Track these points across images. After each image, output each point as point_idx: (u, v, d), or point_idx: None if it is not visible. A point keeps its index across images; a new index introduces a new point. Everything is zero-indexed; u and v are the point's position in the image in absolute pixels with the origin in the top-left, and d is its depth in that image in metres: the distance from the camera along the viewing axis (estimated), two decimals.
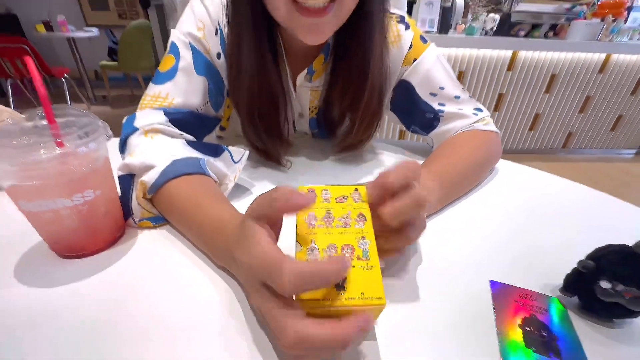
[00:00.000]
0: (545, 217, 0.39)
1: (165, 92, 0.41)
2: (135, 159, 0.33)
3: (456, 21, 2.04)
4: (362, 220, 0.23)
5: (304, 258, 0.21)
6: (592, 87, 2.13)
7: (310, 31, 0.37)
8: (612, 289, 0.23)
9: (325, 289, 0.20)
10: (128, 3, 3.82)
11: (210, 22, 0.43)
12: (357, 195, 0.25)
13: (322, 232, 0.23)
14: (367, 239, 0.22)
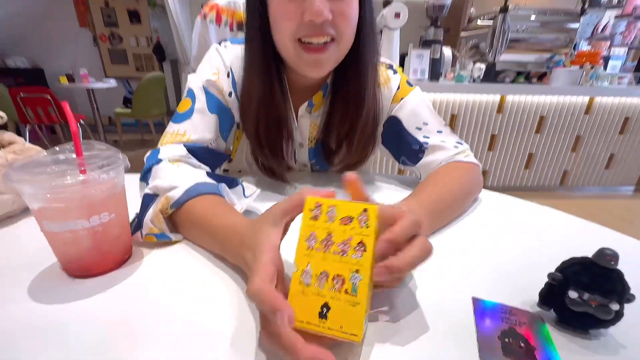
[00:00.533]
0: (524, 240, 0.41)
1: (183, 130, 0.47)
2: (164, 181, 0.39)
3: (445, 70, 2.21)
4: (361, 251, 0.23)
5: (298, 280, 0.23)
6: (581, 128, 2.23)
7: (312, 66, 0.45)
8: (579, 298, 0.24)
9: (309, 312, 0.22)
10: (145, 57, 4.19)
11: (224, 67, 0.52)
12: (364, 217, 0.23)
13: (319, 256, 0.23)
14: (360, 274, 0.22)
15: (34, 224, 0.42)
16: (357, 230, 0.23)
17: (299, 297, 0.23)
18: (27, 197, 0.28)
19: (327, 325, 0.21)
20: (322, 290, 0.22)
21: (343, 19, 0.42)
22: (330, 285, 0.22)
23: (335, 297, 0.22)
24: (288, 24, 0.42)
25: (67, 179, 0.28)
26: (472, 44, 2.33)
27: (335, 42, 0.44)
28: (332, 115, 0.53)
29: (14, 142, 0.46)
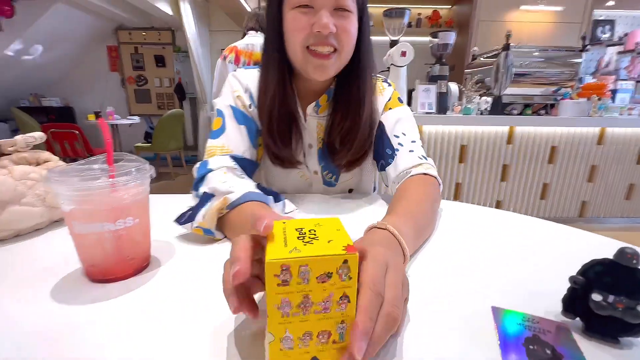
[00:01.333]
0: (542, 253, 0.40)
1: (221, 143, 0.56)
2: (222, 185, 0.46)
3: (452, 104, 2.28)
4: (345, 303, 0.21)
5: (277, 349, 0.21)
6: (595, 158, 2.20)
7: (318, 70, 0.53)
8: (604, 301, 0.24)
9: None
10: (167, 96, 4.49)
11: (241, 86, 0.61)
12: (345, 270, 0.20)
13: (298, 320, 0.20)
14: (346, 323, 0.21)
15: (60, 235, 0.44)
16: (338, 285, 0.20)
17: (280, 355, 0.21)
18: (62, 198, 0.30)
19: None
20: (308, 348, 0.21)
21: (345, 34, 0.52)
22: (316, 342, 0.21)
23: (323, 349, 0.21)
24: (299, 34, 0.51)
25: (98, 182, 0.30)
26: (477, 78, 2.41)
27: (337, 53, 0.52)
28: (335, 116, 0.59)
29: (50, 160, 0.50)
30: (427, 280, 0.34)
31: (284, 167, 0.62)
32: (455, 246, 0.42)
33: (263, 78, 0.58)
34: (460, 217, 0.53)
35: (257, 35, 1.73)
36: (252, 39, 1.72)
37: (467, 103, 2.26)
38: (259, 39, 1.73)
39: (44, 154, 0.50)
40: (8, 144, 0.46)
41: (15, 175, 0.43)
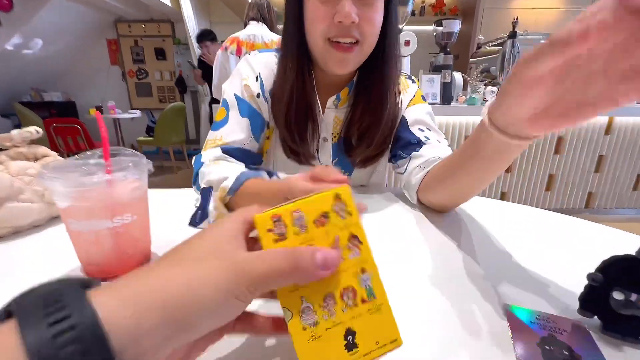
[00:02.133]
0: (555, 248, 0.39)
1: (220, 135, 0.54)
2: (213, 176, 0.45)
3: (457, 94, 2.24)
4: (356, 245, 0.19)
5: (299, 327, 0.17)
6: (603, 147, 2.16)
7: (338, 63, 0.51)
8: (626, 300, 0.22)
9: (334, 351, 0.17)
10: (168, 89, 4.47)
11: (252, 72, 0.58)
12: (341, 206, 0.19)
13: (310, 282, 0.17)
14: (367, 271, 0.18)
15: (59, 232, 0.43)
16: (341, 225, 0.18)
17: (310, 346, 0.17)
18: (57, 195, 0.29)
19: (361, 352, 0.17)
20: (335, 318, 0.18)
21: (368, 24, 0.48)
22: (343, 306, 0.18)
23: (353, 315, 0.18)
24: (320, 24, 0.48)
25: (94, 178, 0.29)
26: (483, 67, 2.36)
27: (359, 45, 0.49)
28: (356, 110, 0.57)
29: (47, 155, 0.49)
30: (437, 278, 0.33)
31: (300, 163, 0.60)
32: (463, 241, 0.41)
33: (281, 68, 0.56)
34: (466, 210, 0.51)
35: (258, 25, 1.70)
36: (253, 29, 1.69)
37: (471, 93, 2.22)
38: (261, 29, 1.70)
39: (41, 149, 0.49)
40: (4, 139, 0.45)
41: (12, 171, 0.42)
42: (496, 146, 0.31)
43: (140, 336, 0.14)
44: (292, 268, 0.16)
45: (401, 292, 0.30)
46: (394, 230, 0.44)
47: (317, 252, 0.17)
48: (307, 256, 0.17)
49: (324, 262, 0.17)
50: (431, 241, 0.41)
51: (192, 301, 0.15)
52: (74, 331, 0.12)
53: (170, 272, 0.16)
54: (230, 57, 1.69)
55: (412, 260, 0.36)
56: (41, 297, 0.13)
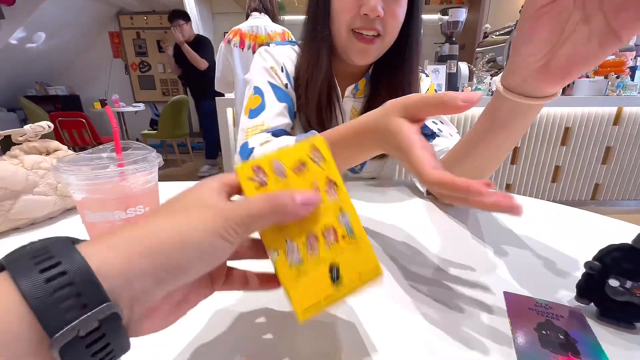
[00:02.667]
0: (554, 238, 0.39)
1: (261, 121, 0.53)
2: (271, 145, 0.47)
3: (462, 85, 2.21)
4: (333, 188, 0.20)
5: (285, 265, 0.18)
6: (610, 139, 2.13)
7: (360, 54, 0.52)
8: (621, 287, 0.23)
9: (321, 287, 0.19)
10: (171, 82, 4.46)
11: (276, 63, 0.58)
12: (317, 154, 0.20)
13: (293, 222, 0.19)
14: (345, 210, 0.20)
15: (73, 223, 0.45)
16: (317, 171, 0.20)
17: (297, 282, 0.18)
18: (72, 188, 0.30)
19: (344, 284, 0.19)
20: (319, 255, 0.19)
21: (392, 19, 0.50)
22: (324, 243, 0.19)
23: (336, 251, 0.19)
24: (346, 15, 0.50)
25: (107, 171, 0.30)
26: (489, 57, 2.33)
27: (381, 37, 0.51)
28: (376, 100, 0.57)
29: (59, 149, 0.50)
30: (438, 265, 0.34)
31: None
32: (465, 231, 0.42)
33: (306, 57, 0.56)
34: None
35: (260, 16, 1.68)
36: (256, 21, 1.68)
37: (477, 84, 2.19)
38: (263, 20, 1.68)
39: (53, 143, 0.50)
40: (18, 134, 0.46)
41: (26, 164, 0.44)
42: (511, 111, 0.32)
43: (131, 279, 0.14)
44: (272, 208, 0.18)
45: (405, 278, 0.31)
46: (399, 219, 0.45)
47: (295, 193, 0.18)
48: (286, 197, 0.18)
49: (303, 200, 0.18)
50: (435, 230, 0.42)
51: (181, 244, 0.16)
52: (65, 276, 0.13)
53: (158, 221, 0.17)
54: (234, 49, 1.68)
55: (415, 248, 0.37)
56: (30, 251, 0.14)
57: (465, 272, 0.33)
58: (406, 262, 0.34)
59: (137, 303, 0.15)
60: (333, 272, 0.19)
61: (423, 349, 0.23)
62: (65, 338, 0.12)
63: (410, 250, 0.37)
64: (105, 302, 0.13)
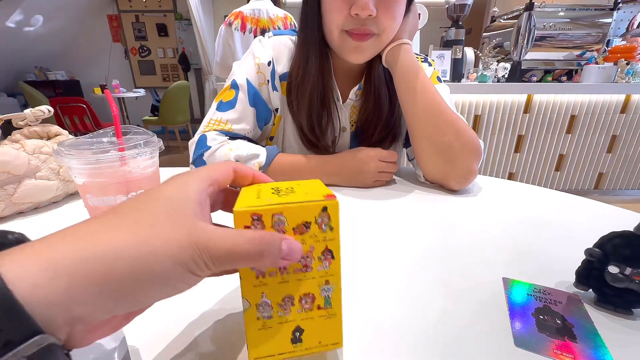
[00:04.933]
0: (554, 225, 0.39)
1: (226, 119, 0.53)
2: (240, 151, 0.50)
3: (468, 71, 2.17)
4: (328, 259, 0.18)
5: (253, 317, 0.18)
6: (617, 127, 2.10)
7: (353, 52, 0.50)
8: (621, 273, 0.23)
9: (280, 343, 0.19)
10: (171, 67, 4.40)
11: (266, 56, 0.55)
12: (325, 219, 0.18)
13: (276, 281, 0.18)
14: (331, 284, 0.19)
15: (76, 207, 0.45)
16: (319, 237, 0.18)
17: (259, 333, 0.18)
18: (74, 172, 0.30)
19: (303, 346, 0.19)
20: (288, 316, 0.19)
21: (387, 16, 0.46)
22: (299, 308, 0.19)
23: (307, 317, 0.19)
24: (336, 16, 0.47)
25: (108, 155, 0.30)
26: (496, 42, 2.27)
27: (376, 35, 0.48)
28: (369, 99, 0.56)
29: (60, 134, 0.50)
30: (438, 250, 0.34)
31: (321, 153, 0.58)
32: (467, 217, 0.42)
33: (302, 54, 0.54)
34: (471, 188, 0.52)
35: None
36: (257, 4, 1.63)
37: (483, 70, 2.15)
38: (265, 3, 1.64)
39: (54, 127, 0.50)
40: (18, 118, 0.46)
41: (28, 149, 0.44)
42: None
43: (70, 308, 0.12)
44: (257, 253, 0.15)
45: (405, 262, 0.31)
46: (398, 205, 0.45)
47: (283, 241, 0.16)
48: (275, 245, 0.16)
49: (287, 252, 0.16)
50: (437, 217, 0.42)
51: (140, 274, 0.13)
52: None
53: (115, 235, 0.13)
54: (234, 32, 1.64)
55: (417, 234, 0.37)
56: None
57: (465, 257, 0.33)
58: (406, 246, 0.35)
59: (77, 323, 0.13)
60: (296, 334, 0.19)
61: (420, 331, 0.23)
62: None
63: (411, 235, 0.37)
64: (35, 334, 0.11)
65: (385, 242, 0.36)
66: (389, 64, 0.53)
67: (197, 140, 0.52)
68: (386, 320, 0.25)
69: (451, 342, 0.23)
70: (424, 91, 0.50)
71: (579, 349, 0.22)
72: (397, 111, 0.58)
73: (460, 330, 0.24)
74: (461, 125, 0.49)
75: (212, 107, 0.55)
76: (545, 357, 0.21)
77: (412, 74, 0.51)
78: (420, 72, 0.51)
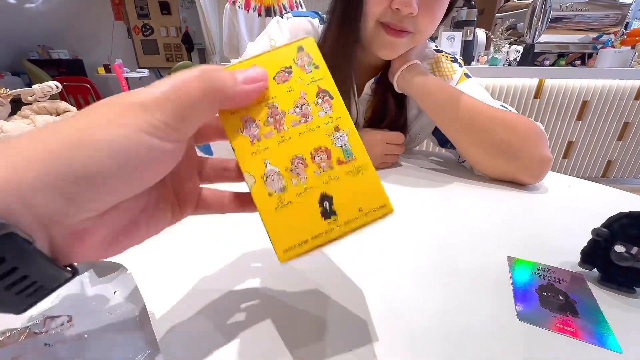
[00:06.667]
0: (560, 206, 0.39)
1: None
2: None
3: (478, 54, 2.10)
4: (326, 101, 0.16)
5: (263, 193, 0.15)
6: (630, 114, 2.05)
7: (386, 48, 0.48)
8: (626, 252, 0.23)
9: (308, 222, 0.15)
10: (175, 47, 4.33)
11: (282, 38, 0.53)
12: (304, 58, 0.16)
13: (275, 141, 0.15)
14: (342, 129, 0.16)
15: None
16: (306, 79, 0.16)
17: (278, 214, 0.15)
18: None
19: (341, 220, 0.15)
20: (306, 182, 0.15)
21: (428, 17, 0.45)
22: (315, 168, 0.15)
23: (329, 177, 0.15)
24: (376, 7, 0.45)
25: None
26: (509, 24, 2.19)
27: (412, 34, 0.46)
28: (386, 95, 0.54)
29: (68, 110, 0.50)
30: (445, 230, 0.34)
31: None
32: (473, 198, 0.42)
33: (324, 45, 0.50)
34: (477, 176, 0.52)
35: None
36: None
37: (494, 53, 2.09)
38: None
39: (62, 103, 0.50)
40: (27, 94, 0.46)
41: (38, 125, 0.44)
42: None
43: (25, 193, 0.10)
44: (206, 90, 0.14)
45: (412, 241, 0.32)
46: (407, 187, 0.45)
47: (235, 71, 0.15)
48: (223, 74, 0.14)
49: (244, 78, 0.15)
50: (444, 198, 0.42)
51: (86, 141, 0.11)
52: None
53: (54, 125, 0.12)
54: (238, 11, 1.60)
55: (423, 214, 0.37)
56: None
57: (471, 237, 0.33)
58: (412, 226, 0.35)
59: (53, 225, 0.11)
60: (325, 204, 0.15)
61: (425, 308, 0.24)
62: None
63: (417, 215, 0.37)
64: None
65: (391, 222, 0.36)
66: (403, 90, 0.52)
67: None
68: (392, 296, 0.25)
69: (456, 316, 0.23)
70: (451, 103, 0.47)
71: (581, 324, 0.22)
72: (407, 118, 0.57)
73: (465, 305, 0.24)
74: (508, 116, 0.45)
75: None
76: (547, 330, 0.22)
77: (428, 92, 0.48)
78: (438, 86, 0.48)
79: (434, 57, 0.56)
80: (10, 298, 0.11)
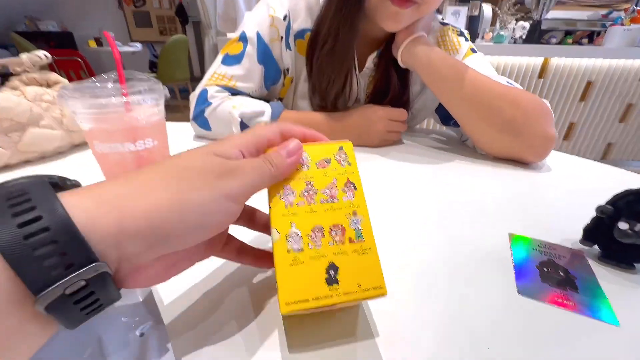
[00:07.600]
0: (562, 184, 0.39)
1: (230, 74, 0.50)
2: (244, 108, 0.47)
3: (483, 30, 2.03)
4: (351, 190, 0.20)
5: (283, 249, 0.18)
6: (634, 95, 2.01)
7: (390, 19, 0.45)
8: (630, 229, 0.23)
9: (314, 284, 0.17)
10: (168, 20, 4.16)
11: (282, 9, 0.50)
12: (342, 156, 0.20)
13: (304, 210, 0.18)
14: (359, 215, 0.19)
15: (82, 158, 0.45)
16: (340, 170, 0.20)
17: (290, 270, 0.17)
18: (79, 118, 0.29)
19: (341, 290, 0.17)
20: (320, 249, 0.18)
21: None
22: (329, 240, 0.18)
23: (339, 251, 0.18)
24: None
25: (113, 100, 0.29)
26: None
27: (417, 5, 0.43)
28: (389, 70, 0.53)
29: (59, 82, 0.48)
30: (447, 206, 0.34)
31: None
32: (475, 176, 0.42)
33: (327, 16, 0.48)
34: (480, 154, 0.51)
35: None
36: None
37: (500, 29, 2.02)
38: None
39: (53, 75, 0.48)
40: (15, 64, 0.44)
41: (28, 96, 0.42)
42: None
43: (121, 241, 0.13)
44: (266, 175, 0.18)
45: (414, 218, 0.32)
46: (409, 165, 0.45)
47: (280, 150, 0.19)
48: (272, 153, 0.19)
49: (289, 150, 0.19)
50: (446, 175, 0.41)
51: (180, 206, 0.15)
52: (47, 233, 0.12)
53: (152, 177, 0.15)
54: None
55: (425, 191, 0.37)
56: (4, 195, 0.12)
57: (473, 214, 0.33)
58: (415, 203, 0.35)
59: (125, 262, 0.14)
60: (331, 272, 0.17)
61: (425, 281, 0.24)
62: (51, 297, 0.12)
63: (419, 192, 0.37)
64: (93, 262, 0.12)
65: (394, 200, 0.36)
66: (407, 64, 0.50)
67: (197, 94, 0.50)
68: (397, 271, 0.25)
69: (457, 290, 0.23)
70: (456, 77, 0.45)
71: (579, 299, 0.22)
72: (410, 94, 0.56)
73: (467, 279, 0.24)
74: (514, 93, 0.44)
75: (218, 59, 0.52)
76: (546, 304, 0.22)
77: (433, 65, 0.46)
78: (443, 59, 0.46)
79: (440, 30, 0.54)
80: (75, 313, 0.13)
